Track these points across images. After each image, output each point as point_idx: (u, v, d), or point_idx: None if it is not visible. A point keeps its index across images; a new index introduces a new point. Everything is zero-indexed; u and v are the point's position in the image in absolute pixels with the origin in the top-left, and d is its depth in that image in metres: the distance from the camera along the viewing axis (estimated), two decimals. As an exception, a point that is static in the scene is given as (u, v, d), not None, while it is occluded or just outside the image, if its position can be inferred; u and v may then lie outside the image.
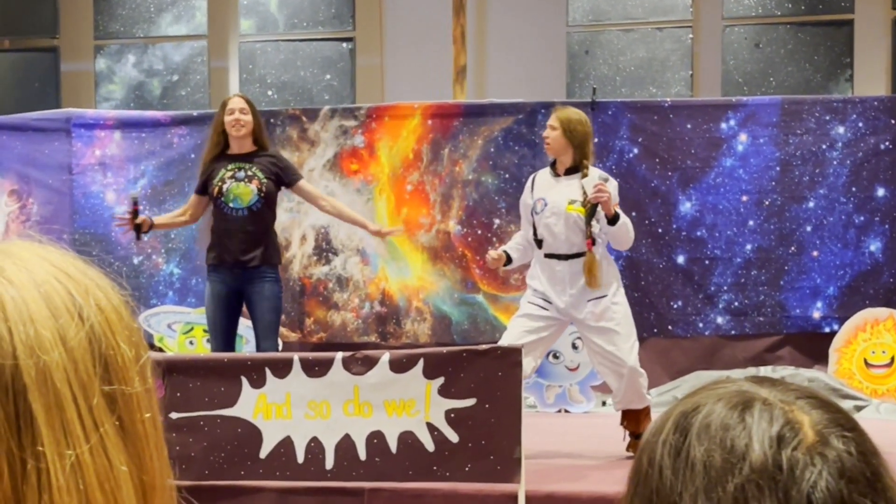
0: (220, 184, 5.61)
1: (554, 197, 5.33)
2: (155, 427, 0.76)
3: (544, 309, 5.32)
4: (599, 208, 5.24)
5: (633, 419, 5.37)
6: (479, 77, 9.52)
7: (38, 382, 0.69)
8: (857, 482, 0.87)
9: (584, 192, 5.27)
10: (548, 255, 5.34)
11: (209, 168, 5.72)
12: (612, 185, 5.30)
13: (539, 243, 5.36)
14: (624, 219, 5.27)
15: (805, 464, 0.87)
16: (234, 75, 10.07)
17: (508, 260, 5.48)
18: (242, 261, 5.60)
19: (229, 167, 5.65)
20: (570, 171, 5.36)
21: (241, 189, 5.60)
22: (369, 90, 9.74)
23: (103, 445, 0.70)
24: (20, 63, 10.40)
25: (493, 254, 5.50)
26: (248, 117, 5.67)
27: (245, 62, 10.08)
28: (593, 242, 5.27)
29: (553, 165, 5.45)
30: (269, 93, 9.97)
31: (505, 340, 5.27)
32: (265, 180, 5.65)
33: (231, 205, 5.60)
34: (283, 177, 5.77)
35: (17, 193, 8.05)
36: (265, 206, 5.66)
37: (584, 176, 5.32)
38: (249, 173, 5.63)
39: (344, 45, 9.98)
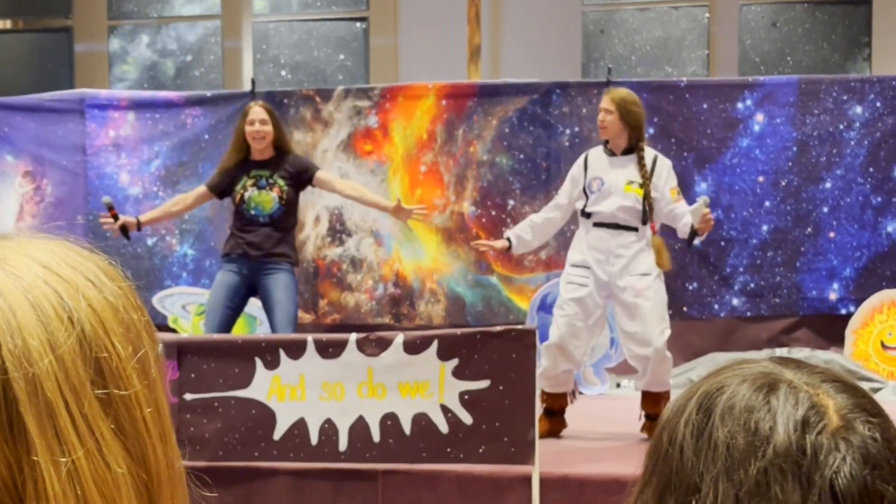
0: (241, 191, 5.69)
1: (611, 178, 5.38)
2: (159, 419, 0.75)
3: (584, 286, 5.34)
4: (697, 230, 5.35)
5: (652, 401, 5.36)
6: (494, 57, 9.47)
7: (29, 394, 0.68)
8: (880, 468, 0.86)
9: (643, 174, 5.34)
10: (597, 224, 5.37)
11: (231, 172, 5.75)
12: (663, 164, 5.42)
13: (588, 215, 5.40)
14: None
15: (829, 449, 0.85)
16: (247, 55, 10.04)
17: (509, 247, 5.63)
18: (262, 255, 5.66)
19: (251, 174, 5.70)
20: (625, 152, 5.38)
21: (263, 197, 5.67)
22: (383, 70, 9.70)
23: (99, 449, 0.69)
24: (34, 43, 10.40)
25: (484, 245, 5.87)
26: (269, 127, 5.70)
27: (259, 42, 10.05)
28: (656, 227, 5.41)
29: (605, 144, 5.46)
30: (283, 73, 9.95)
31: (554, 335, 5.36)
32: (286, 188, 5.70)
33: (252, 212, 5.66)
34: (303, 176, 5.80)
35: (32, 175, 8.06)
36: (286, 213, 5.75)
37: (641, 158, 5.37)
38: (270, 181, 5.69)
39: (358, 24, 9.94)
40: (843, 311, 7.49)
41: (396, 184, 7.86)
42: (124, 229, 5.78)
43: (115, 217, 5.79)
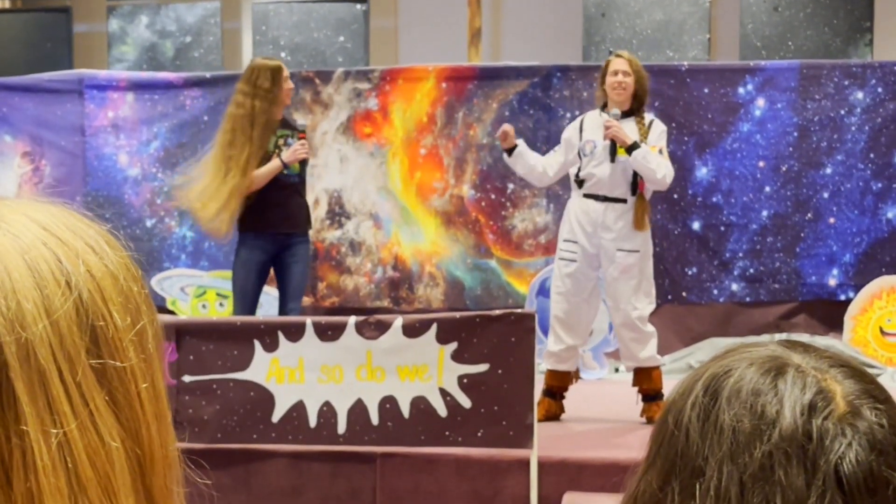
0: (276, 151, 5.61)
1: (606, 140, 5.35)
2: (154, 396, 0.72)
3: (573, 261, 5.36)
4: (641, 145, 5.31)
5: (645, 378, 5.37)
6: (495, 39, 9.43)
7: (20, 359, 0.65)
8: (886, 455, 0.86)
9: (641, 134, 5.36)
10: (587, 196, 5.37)
11: (265, 143, 5.58)
12: (657, 127, 5.43)
13: (580, 183, 5.39)
14: (642, 150, 5.27)
15: (835, 434, 0.85)
16: (247, 37, 10.00)
17: (512, 149, 5.43)
18: (291, 226, 5.63)
19: (279, 133, 5.65)
20: (624, 116, 5.40)
21: None
22: (383, 52, 9.67)
23: (93, 421, 0.67)
24: (33, 24, 10.36)
25: (509, 132, 5.42)
26: None
27: (258, 23, 10.01)
28: (644, 186, 5.37)
29: (604, 109, 5.46)
30: (283, 55, 9.91)
31: (552, 313, 5.44)
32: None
33: (286, 171, 5.61)
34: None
35: (30, 155, 8.04)
36: (306, 172, 5.77)
37: (640, 120, 5.41)
38: (291, 141, 5.67)
39: (358, 6, 9.90)
40: (843, 297, 7.49)
41: (396, 166, 7.85)
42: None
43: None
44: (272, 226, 5.62)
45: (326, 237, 7.92)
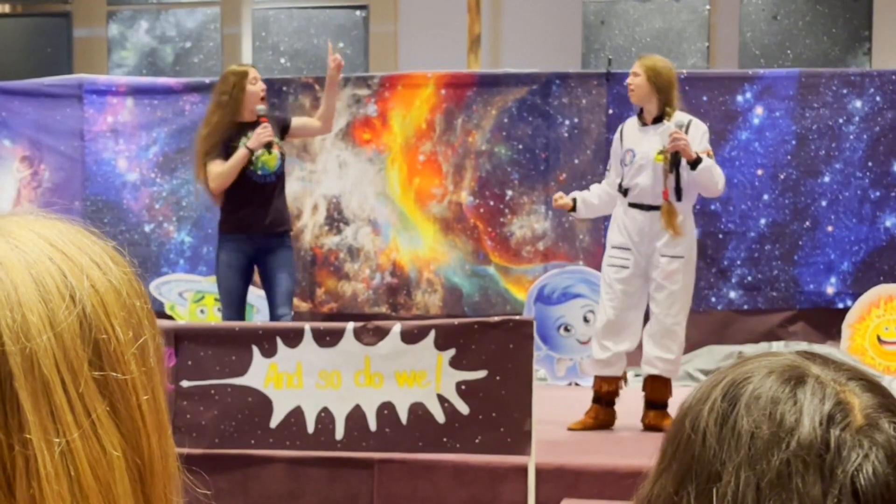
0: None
1: (643, 147, 5.33)
2: (155, 409, 0.74)
3: (625, 268, 5.33)
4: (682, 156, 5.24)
5: (660, 386, 5.34)
6: (494, 47, 9.45)
7: (25, 369, 0.67)
8: None
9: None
10: (632, 205, 5.35)
11: (226, 142, 5.64)
12: (697, 128, 5.31)
13: (625, 192, 5.36)
14: (707, 163, 5.21)
15: (853, 445, 0.86)
16: (246, 42, 10.02)
17: (573, 207, 5.49)
18: (270, 228, 5.61)
19: (249, 135, 5.63)
20: (657, 120, 5.34)
21: (268, 156, 5.61)
22: (383, 59, 9.68)
23: (95, 431, 0.69)
24: (33, 28, 10.37)
25: (560, 197, 5.47)
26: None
27: (258, 29, 10.03)
28: (668, 193, 5.28)
29: (640, 115, 5.43)
30: (282, 60, 9.93)
31: (601, 319, 5.37)
32: (280, 142, 5.69)
33: (260, 172, 5.60)
34: (284, 131, 5.80)
35: (29, 159, 8.04)
36: (284, 170, 5.74)
37: (668, 121, 5.31)
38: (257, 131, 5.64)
39: (358, 12, 9.92)
40: (840, 306, 7.50)
41: (395, 173, 7.85)
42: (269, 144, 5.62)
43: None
44: (249, 228, 5.62)
45: (325, 243, 7.93)
